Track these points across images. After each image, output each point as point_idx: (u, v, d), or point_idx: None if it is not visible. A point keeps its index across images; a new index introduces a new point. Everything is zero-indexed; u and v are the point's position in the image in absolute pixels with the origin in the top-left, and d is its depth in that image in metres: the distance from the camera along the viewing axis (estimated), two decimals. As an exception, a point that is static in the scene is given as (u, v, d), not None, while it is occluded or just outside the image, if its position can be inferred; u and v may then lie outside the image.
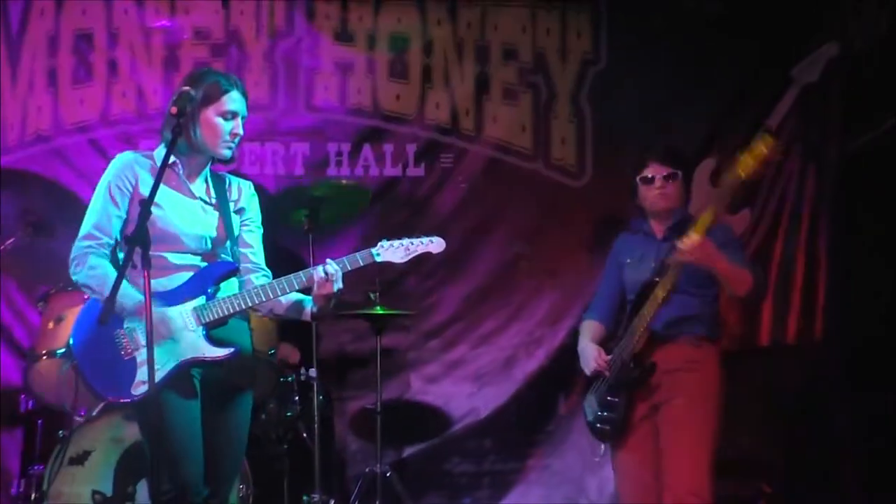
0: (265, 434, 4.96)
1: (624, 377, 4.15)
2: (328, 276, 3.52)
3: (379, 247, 3.63)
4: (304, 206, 4.89)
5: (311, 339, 4.85)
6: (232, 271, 3.62)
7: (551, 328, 5.82)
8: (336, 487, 5.48)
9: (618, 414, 4.15)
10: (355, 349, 5.69)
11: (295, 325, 3.99)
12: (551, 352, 5.80)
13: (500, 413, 5.81)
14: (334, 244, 5.31)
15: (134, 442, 4.39)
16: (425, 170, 5.88)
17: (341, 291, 3.56)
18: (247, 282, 3.67)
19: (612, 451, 4.30)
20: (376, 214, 5.70)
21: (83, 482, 4.43)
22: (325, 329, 5.42)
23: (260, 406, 4.85)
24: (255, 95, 5.34)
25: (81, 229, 3.54)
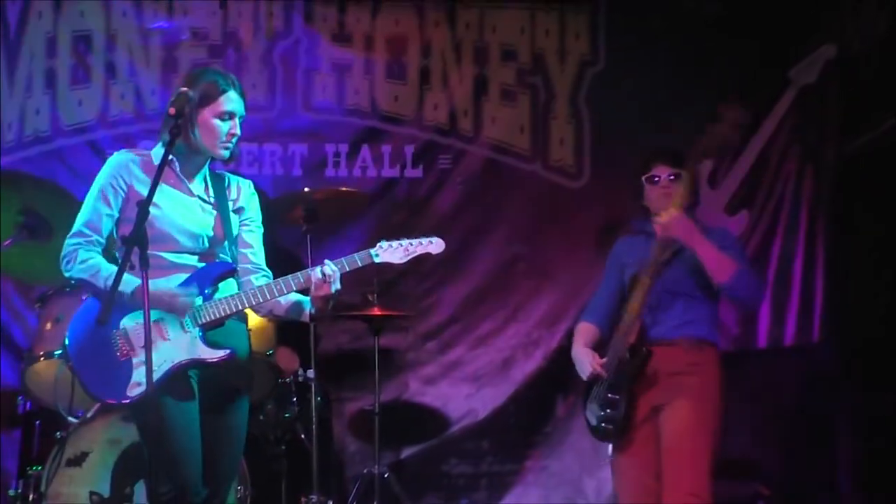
0: (263, 435, 4.95)
1: (623, 371, 4.13)
2: (326, 278, 3.48)
3: (378, 248, 3.58)
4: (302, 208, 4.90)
5: (310, 341, 4.85)
6: (229, 272, 3.59)
7: (549, 329, 5.82)
8: (334, 488, 5.48)
9: (619, 411, 4.13)
10: (353, 350, 5.69)
11: (293, 326, 3.98)
12: (549, 353, 5.80)
13: (498, 414, 5.81)
14: (332, 245, 5.30)
15: (131, 443, 4.39)
16: (423, 171, 5.88)
17: (339, 293, 3.53)
18: (246, 282, 3.63)
19: (613, 453, 4.29)
20: (374, 215, 5.70)
21: (81, 483, 4.42)
22: (323, 330, 5.42)
23: (258, 407, 4.84)
24: (252, 96, 5.33)
25: (73, 227, 3.52)
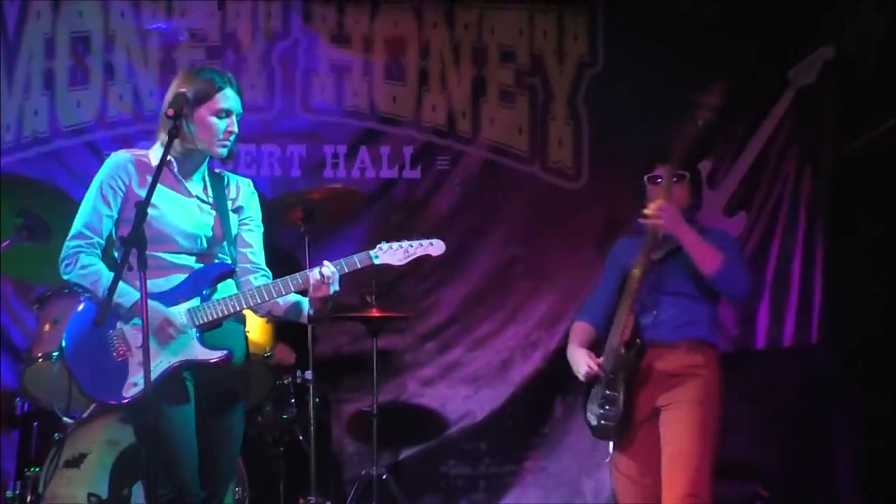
0: (261, 437, 4.95)
1: (619, 366, 4.13)
2: (324, 279, 3.46)
3: (377, 249, 3.57)
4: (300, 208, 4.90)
5: (308, 342, 4.84)
6: (228, 272, 3.57)
7: (548, 331, 5.82)
8: (332, 490, 5.48)
9: (618, 407, 4.13)
10: (351, 351, 5.69)
11: (291, 327, 3.98)
12: (547, 354, 5.80)
13: (496, 416, 5.80)
14: (330, 246, 5.30)
15: (129, 444, 4.36)
16: (422, 172, 5.88)
17: (338, 294, 3.51)
18: (245, 282, 3.61)
19: (612, 453, 4.29)
20: (372, 216, 5.70)
21: (79, 484, 4.40)
22: (321, 331, 5.41)
23: (256, 408, 4.83)
24: (251, 97, 5.34)
25: (72, 229, 3.51)
